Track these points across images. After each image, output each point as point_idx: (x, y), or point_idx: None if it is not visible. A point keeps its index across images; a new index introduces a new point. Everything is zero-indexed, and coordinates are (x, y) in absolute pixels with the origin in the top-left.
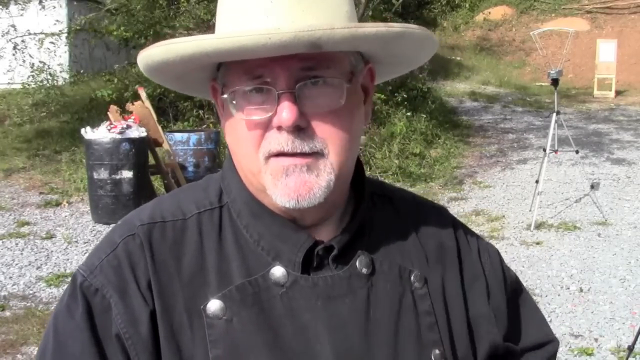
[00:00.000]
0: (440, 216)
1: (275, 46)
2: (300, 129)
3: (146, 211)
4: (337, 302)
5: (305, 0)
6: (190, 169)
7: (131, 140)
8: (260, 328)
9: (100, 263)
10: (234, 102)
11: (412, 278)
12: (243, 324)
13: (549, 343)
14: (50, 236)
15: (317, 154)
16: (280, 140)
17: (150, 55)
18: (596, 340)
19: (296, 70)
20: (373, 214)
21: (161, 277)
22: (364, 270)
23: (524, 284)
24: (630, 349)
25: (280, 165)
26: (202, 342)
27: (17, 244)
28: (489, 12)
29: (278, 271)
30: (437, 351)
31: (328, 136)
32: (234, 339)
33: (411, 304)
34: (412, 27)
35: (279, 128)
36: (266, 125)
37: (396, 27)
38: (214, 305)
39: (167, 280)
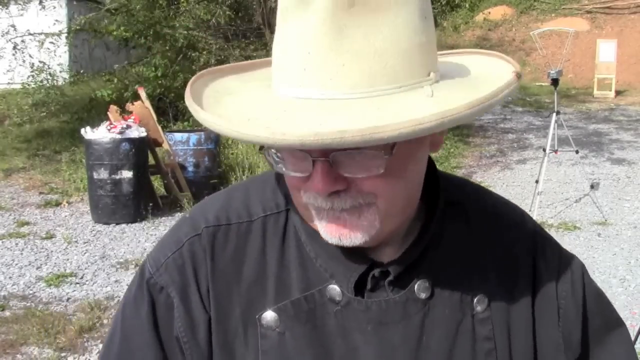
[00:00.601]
0: (519, 228)
1: (286, 145)
2: (340, 190)
3: (214, 208)
4: (389, 327)
5: (344, 47)
6: (190, 169)
7: (131, 140)
8: (312, 344)
9: (166, 260)
10: (272, 151)
11: (474, 302)
12: (295, 339)
13: None
14: (50, 236)
15: (362, 205)
16: (319, 201)
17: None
18: None
19: None
20: (443, 227)
21: (221, 283)
22: (422, 295)
23: None
24: None
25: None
26: (254, 351)
27: (17, 244)
28: (489, 12)
29: (334, 289)
30: None
31: (374, 190)
32: (285, 352)
33: (469, 329)
34: (450, 113)
35: None
36: (306, 180)
37: (427, 122)
38: (269, 315)
39: (225, 287)
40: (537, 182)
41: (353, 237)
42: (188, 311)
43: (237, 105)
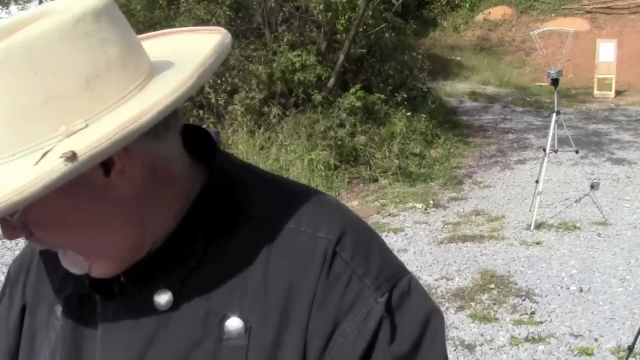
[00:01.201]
0: (311, 244)
1: None
2: (30, 236)
3: None
4: (114, 333)
5: None
6: None
7: None
8: (71, 340)
9: (21, 250)
10: None
11: (225, 324)
12: (63, 332)
13: None
14: None
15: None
16: None
17: None
18: (596, 340)
19: None
20: (212, 235)
21: (42, 275)
22: (162, 306)
23: (524, 284)
24: (630, 349)
25: None
26: (48, 339)
27: (17, 244)
28: (489, 12)
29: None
30: None
31: (47, 241)
32: (56, 345)
33: (209, 354)
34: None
35: None
36: None
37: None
38: (59, 308)
39: (44, 278)
40: (537, 182)
41: (73, 270)
42: (11, 296)
43: None
